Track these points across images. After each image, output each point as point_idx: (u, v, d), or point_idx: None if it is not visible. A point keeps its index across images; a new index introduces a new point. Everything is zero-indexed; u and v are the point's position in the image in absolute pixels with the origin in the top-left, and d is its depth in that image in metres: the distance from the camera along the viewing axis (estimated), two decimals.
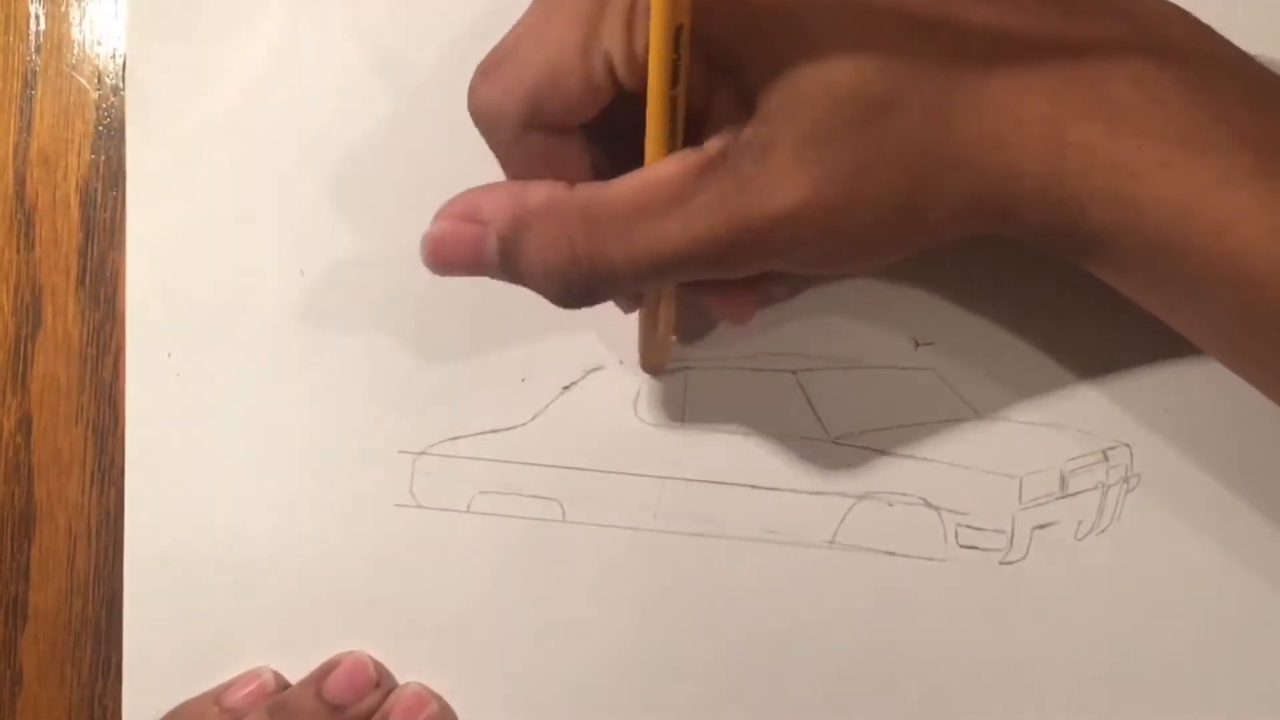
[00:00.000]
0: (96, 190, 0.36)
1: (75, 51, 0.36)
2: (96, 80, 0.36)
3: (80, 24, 0.36)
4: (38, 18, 0.36)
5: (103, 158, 0.36)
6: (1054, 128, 0.25)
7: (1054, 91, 0.25)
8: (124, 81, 0.35)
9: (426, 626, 0.35)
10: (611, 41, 0.26)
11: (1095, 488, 0.34)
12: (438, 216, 0.28)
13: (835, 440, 0.34)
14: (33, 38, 0.36)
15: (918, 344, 0.34)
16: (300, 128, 0.35)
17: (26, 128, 0.36)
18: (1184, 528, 0.33)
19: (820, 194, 0.25)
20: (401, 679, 0.35)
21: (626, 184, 0.26)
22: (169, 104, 0.35)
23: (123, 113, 0.35)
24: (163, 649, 0.36)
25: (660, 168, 0.26)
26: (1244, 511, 0.33)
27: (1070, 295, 0.33)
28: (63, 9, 0.36)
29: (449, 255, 0.28)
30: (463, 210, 0.28)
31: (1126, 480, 0.34)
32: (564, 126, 0.28)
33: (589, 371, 0.35)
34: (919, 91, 0.25)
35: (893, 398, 0.34)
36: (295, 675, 0.35)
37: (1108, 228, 0.25)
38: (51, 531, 0.37)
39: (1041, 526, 0.34)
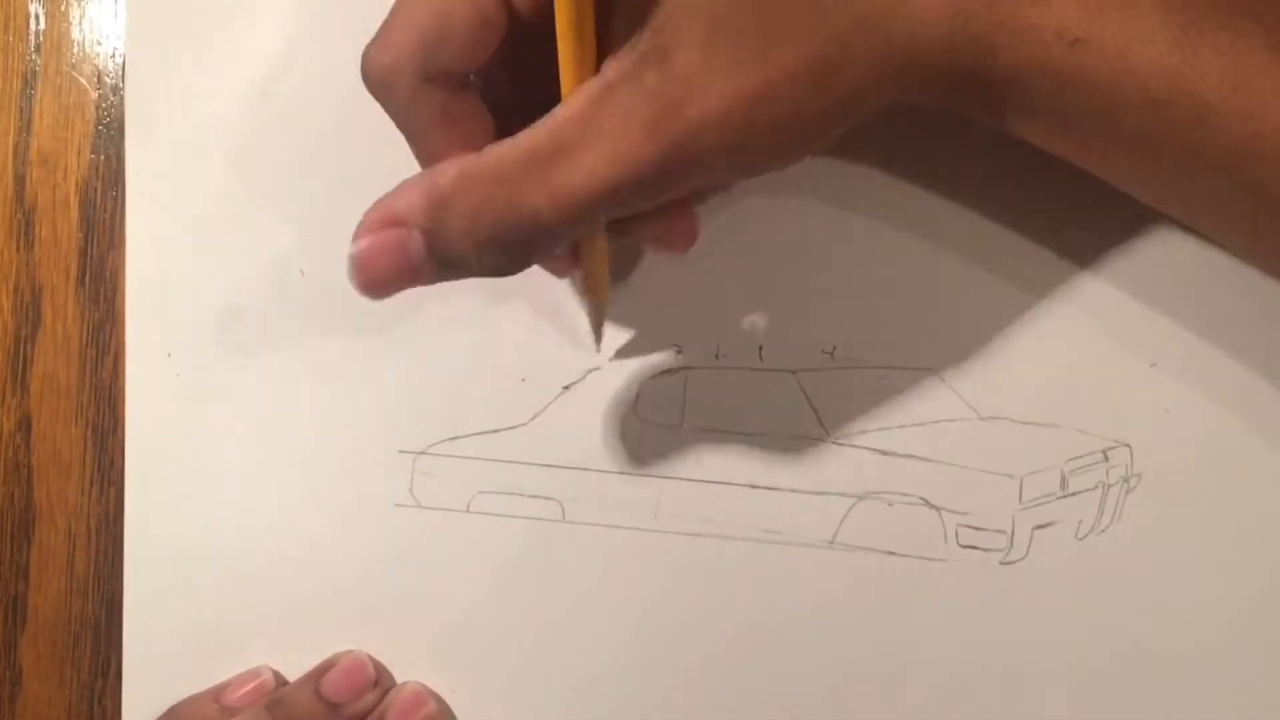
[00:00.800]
0: (96, 190, 0.36)
1: (75, 51, 0.36)
2: (96, 80, 0.36)
3: (80, 24, 0.36)
4: (37, 17, 0.36)
5: (102, 157, 0.36)
6: None
7: None
8: (124, 81, 0.35)
9: (426, 626, 0.35)
10: None
11: (1095, 487, 0.34)
12: (355, 234, 0.27)
13: (835, 440, 0.34)
14: (32, 37, 0.36)
15: (917, 344, 0.34)
16: (300, 128, 0.35)
17: (26, 127, 0.36)
18: (1184, 528, 0.33)
19: (734, 84, 0.25)
20: (401, 678, 0.35)
21: (535, 130, 0.26)
22: (169, 104, 0.35)
23: (122, 112, 0.35)
24: (163, 649, 0.36)
25: (565, 107, 0.25)
26: (1244, 511, 0.33)
27: (1070, 295, 0.33)
28: (62, 9, 0.36)
29: (377, 269, 0.27)
30: (379, 217, 0.27)
31: (1127, 480, 0.34)
32: (461, 74, 0.27)
33: (589, 371, 0.35)
34: None
35: (893, 398, 0.34)
36: (295, 675, 0.35)
37: (1015, 65, 0.25)
38: (51, 532, 0.37)
39: (1042, 526, 0.34)
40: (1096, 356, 0.33)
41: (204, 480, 0.35)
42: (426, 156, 0.28)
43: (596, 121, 0.25)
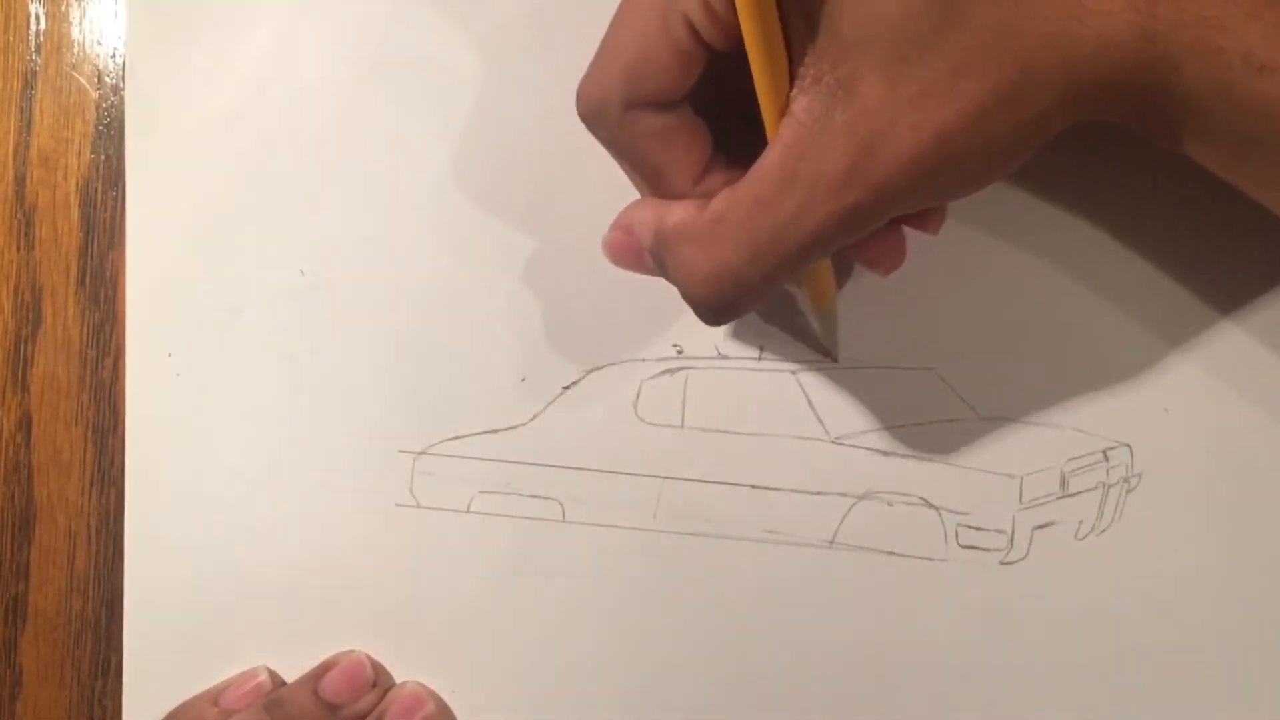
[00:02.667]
0: (96, 190, 0.36)
1: (75, 51, 0.36)
2: (96, 80, 0.36)
3: (80, 24, 0.36)
4: (38, 18, 0.36)
5: (103, 157, 0.36)
6: None
7: None
8: (124, 81, 0.35)
9: (426, 626, 0.35)
10: (685, 2, 0.25)
11: (1096, 488, 0.34)
12: (612, 225, 0.30)
13: (835, 440, 0.34)
14: (33, 38, 0.36)
15: (917, 344, 0.34)
16: (300, 128, 0.35)
17: (26, 127, 0.36)
18: (1184, 528, 0.33)
19: (923, 118, 0.24)
20: (400, 678, 0.35)
21: (740, 186, 0.26)
22: (169, 104, 0.35)
23: (123, 113, 0.35)
24: (163, 649, 0.36)
25: (764, 157, 0.26)
26: (1244, 511, 0.33)
27: (1070, 295, 0.33)
28: (63, 9, 0.36)
29: (620, 260, 0.30)
30: (624, 223, 0.30)
31: (1127, 480, 0.34)
32: (667, 100, 0.27)
33: (589, 371, 0.35)
34: None
35: (893, 398, 0.34)
36: (294, 675, 0.35)
37: (1198, 88, 0.25)
38: (51, 531, 0.37)
39: (1042, 526, 0.34)
40: (1096, 356, 0.33)
41: (204, 480, 0.35)
42: (643, 178, 0.29)
43: (792, 170, 0.25)
